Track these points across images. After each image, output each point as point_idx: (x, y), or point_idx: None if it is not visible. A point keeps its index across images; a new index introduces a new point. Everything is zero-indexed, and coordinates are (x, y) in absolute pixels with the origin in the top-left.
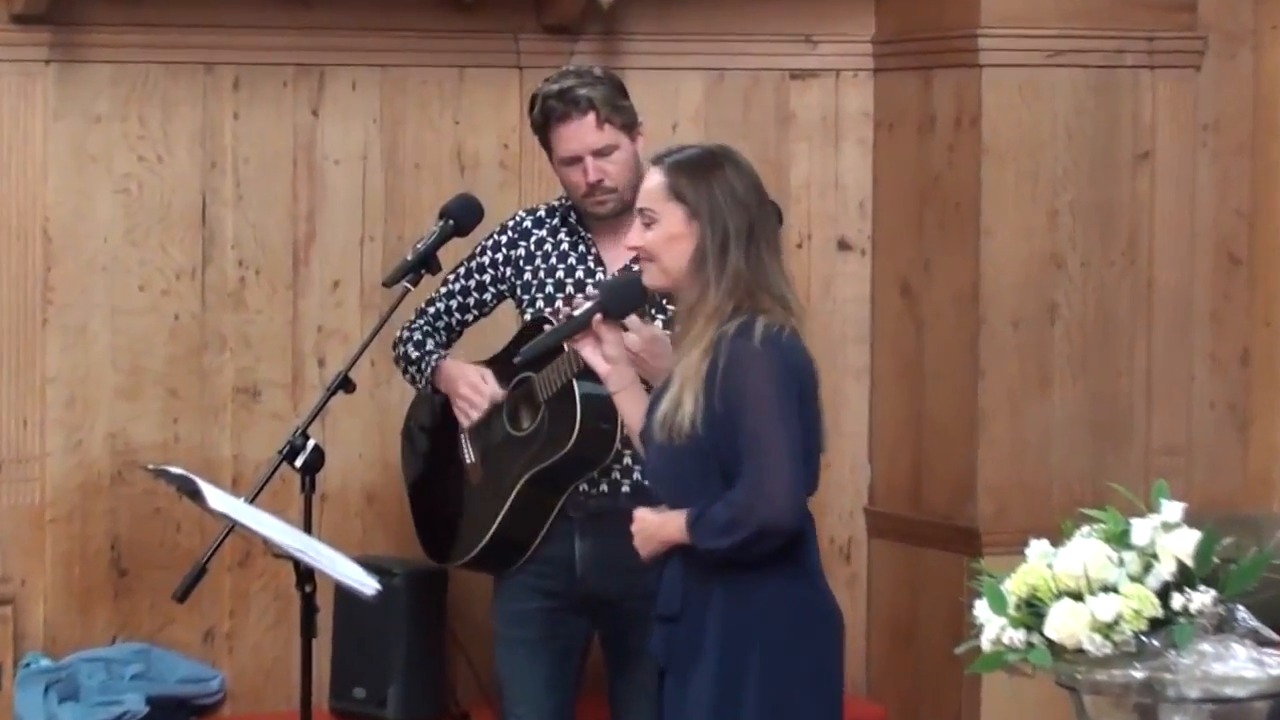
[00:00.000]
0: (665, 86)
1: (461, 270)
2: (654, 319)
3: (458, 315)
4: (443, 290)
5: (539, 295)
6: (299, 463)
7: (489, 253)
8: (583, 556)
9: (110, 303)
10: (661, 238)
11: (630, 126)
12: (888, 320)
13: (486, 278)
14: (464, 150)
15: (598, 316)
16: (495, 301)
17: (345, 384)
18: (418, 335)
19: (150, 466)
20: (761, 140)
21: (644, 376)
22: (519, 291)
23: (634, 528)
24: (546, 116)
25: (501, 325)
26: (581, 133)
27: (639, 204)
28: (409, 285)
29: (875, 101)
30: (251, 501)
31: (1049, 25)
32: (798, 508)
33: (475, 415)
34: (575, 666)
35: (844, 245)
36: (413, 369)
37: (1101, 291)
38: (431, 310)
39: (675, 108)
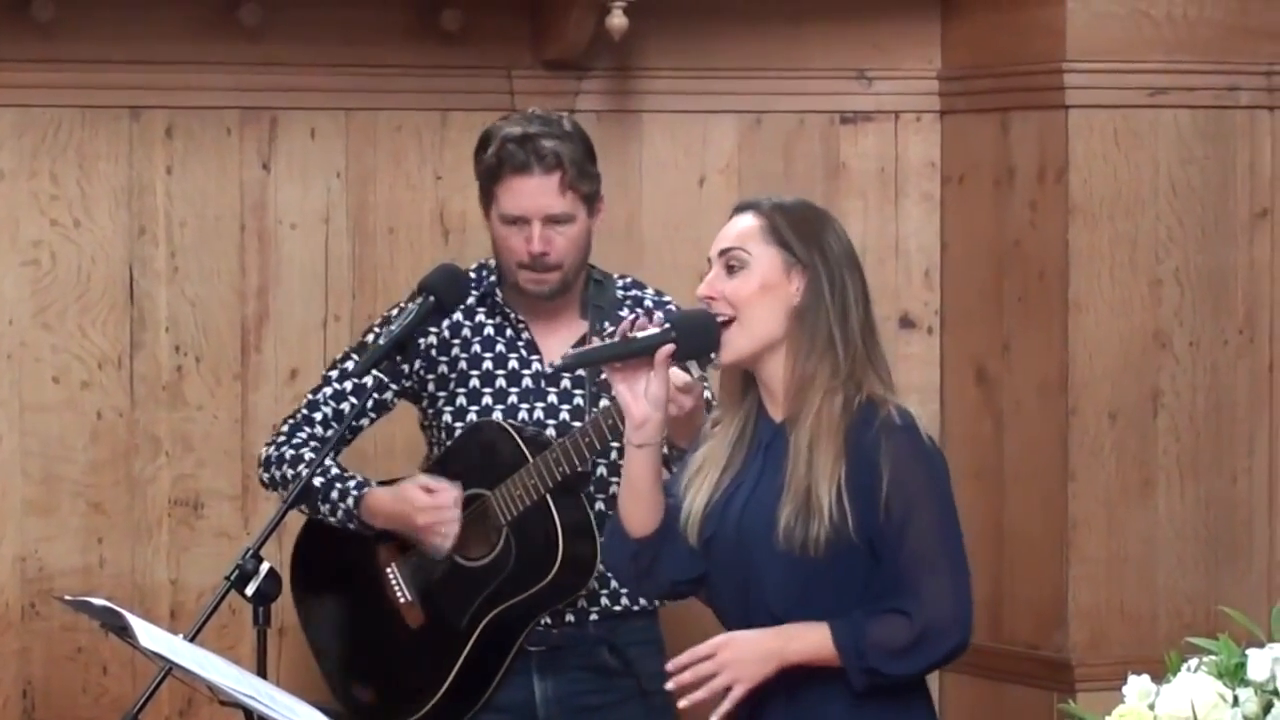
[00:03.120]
0: (691, 132)
1: (350, 365)
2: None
3: (351, 421)
4: (329, 390)
5: (458, 390)
6: (250, 590)
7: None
8: (544, 699)
9: (18, 398)
10: (752, 287)
11: (592, 199)
12: (960, 412)
13: (386, 374)
14: (447, 211)
15: (669, 347)
16: (395, 400)
17: (307, 495)
18: (307, 453)
19: (68, 598)
20: (807, 196)
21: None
22: (431, 387)
23: (730, 653)
24: (501, 162)
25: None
26: (539, 192)
27: (723, 245)
28: (314, 395)
29: (943, 150)
30: (193, 638)
31: (1149, 58)
32: (971, 628)
33: (452, 542)
34: None
35: (907, 323)
36: (316, 499)
37: (1214, 376)
38: (319, 416)
39: (703, 158)
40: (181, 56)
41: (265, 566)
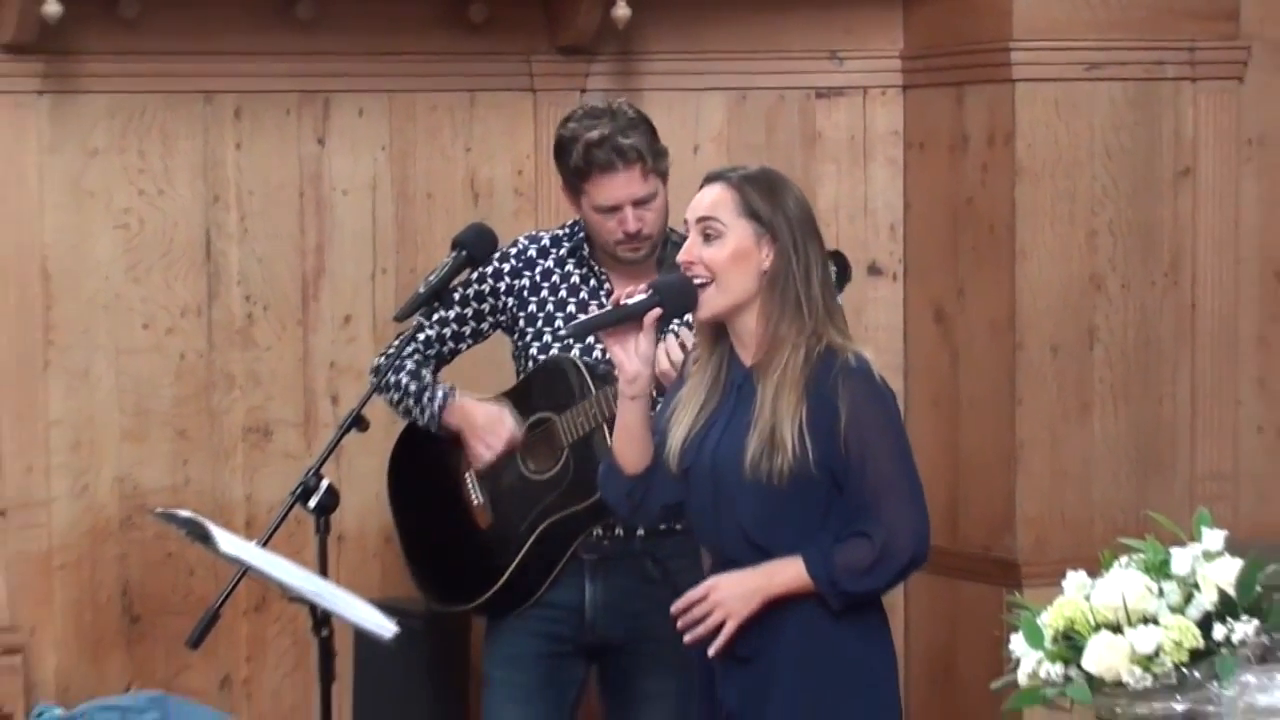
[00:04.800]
0: (686, 107)
1: (458, 296)
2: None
3: (451, 344)
4: (435, 317)
5: (545, 328)
6: (313, 504)
7: (490, 280)
8: (593, 601)
9: (114, 343)
10: (726, 254)
11: (666, 173)
12: (921, 348)
13: (486, 306)
14: (477, 178)
15: (656, 312)
16: (491, 330)
17: (359, 422)
18: (410, 364)
19: (158, 511)
20: (787, 162)
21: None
22: (520, 323)
23: (720, 594)
24: (590, 165)
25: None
26: (628, 184)
27: (698, 214)
28: (422, 319)
29: (905, 120)
30: (265, 544)
31: (1085, 37)
32: (928, 541)
33: (492, 457)
34: (568, 717)
35: (875, 270)
36: (409, 400)
37: (1143, 314)
38: (422, 337)
39: (696, 129)
40: (247, 48)
41: (325, 483)
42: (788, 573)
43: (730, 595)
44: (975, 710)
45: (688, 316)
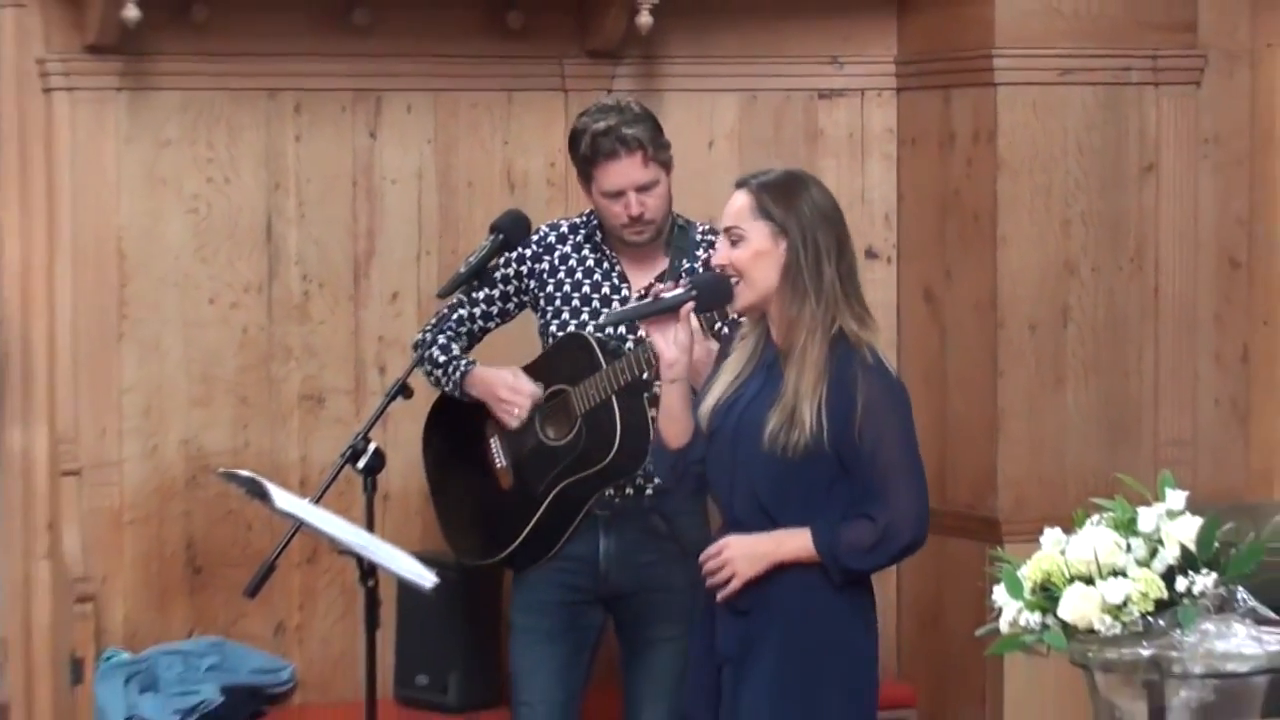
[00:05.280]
0: (701, 106)
1: (499, 275)
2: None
3: (480, 322)
4: (472, 295)
5: (563, 307)
6: (361, 465)
7: (514, 264)
8: (606, 554)
9: (182, 316)
10: (748, 254)
11: (668, 163)
12: (912, 325)
13: (511, 288)
14: (513, 169)
15: (689, 305)
16: (517, 310)
17: (404, 391)
18: (441, 339)
19: (221, 471)
20: (792, 156)
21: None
22: (541, 302)
23: (732, 553)
24: (595, 153)
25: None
26: (629, 170)
27: (725, 223)
28: (462, 296)
29: (898, 119)
30: (317, 502)
31: (1060, 45)
32: (927, 526)
33: (521, 415)
34: (587, 659)
35: (871, 254)
36: (438, 371)
37: (1111, 296)
38: (455, 316)
39: (711, 126)
40: (307, 50)
41: (372, 446)
42: (795, 543)
43: (740, 555)
44: (960, 655)
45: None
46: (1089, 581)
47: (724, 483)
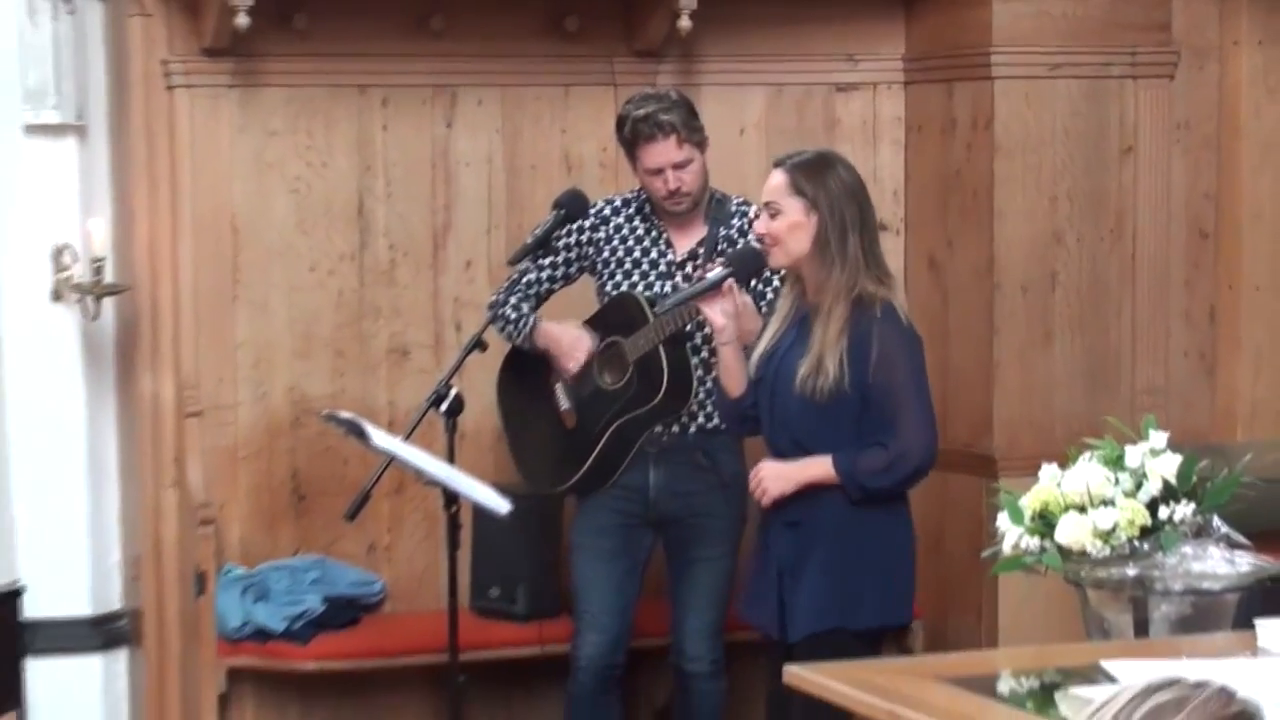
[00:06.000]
0: (733, 99)
1: (560, 245)
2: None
3: (547, 285)
4: (534, 264)
5: (617, 270)
6: (444, 408)
7: (575, 234)
8: (656, 484)
9: (286, 282)
10: (784, 226)
11: (701, 143)
12: (918, 288)
13: (572, 255)
14: (570, 154)
15: (730, 281)
16: (578, 274)
17: (480, 345)
18: (513, 300)
19: (325, 413)
20: (813, 142)
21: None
22: (598, 266)
23: (764, 474)
24: (635, 136)
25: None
26: (666, 150)
27: (765, 198)
28: (529, 264)
29: (906, 109)
30: (406, 440)
31: (1050, 44)
32: (936, 452)
33: (575, 367)
34: (639, 575)
35: (882, 227)
36: (510, 327)
37: (1094, 262)
38: (524, 280)
39: (741, 116)
40: (392, 51)
41: (453, 391)
42: (818, 468)
43: (770, 476)
44: (959, 575)
45: None
46: (1082, 510)
47: (766, 420)
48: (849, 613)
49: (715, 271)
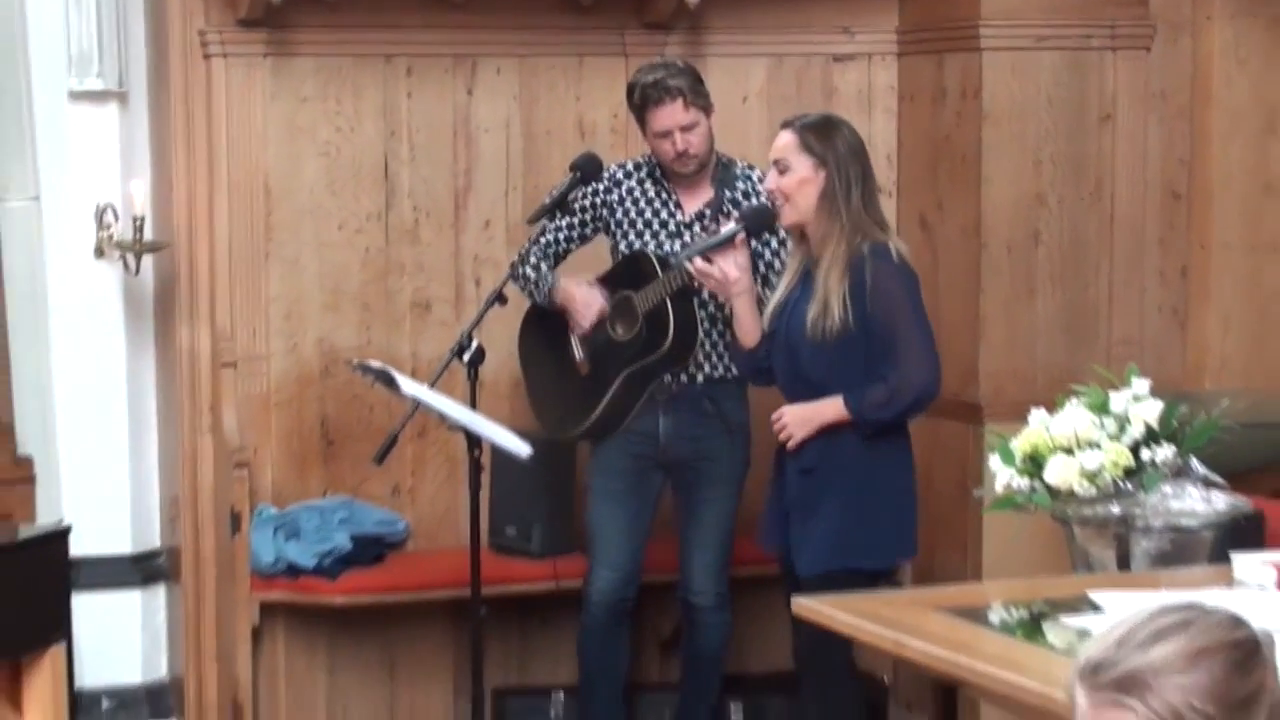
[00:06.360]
0: (737, 69)
1: (577, 206)
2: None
3: (564, 245)
4: (552, 225)
5: (629, 229)
6: (466, 358)
7: (589, 197)
8: (665, 429)
9: (316, 239)
10: (793, 182)
11: (707, 108)
12: (910, 247)
13: (587, 216)
14: (584, 120)
15: (742, 235)
16: (593, 234)
17: (500, 299)
18: (533, 259)
19: (357, 362)
20: (811, 110)
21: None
22: (612, 226)
23: (787, 418)
24: (645, 101)
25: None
26: (673, 114)
27: (774, 156)
28: (548, 223)
29: (899, 78)
30: (431, 387)
31: (1035, 18)
32: (939, 380)
33: (589, 323)
34: (649, 515)
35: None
36: (530, 285)
37: (1074, 223)
38: (543, 240)
39: (745, 85)
40: (416, 23)
41: (475, 343)
42: (832, 409)
43: (793, 421)
44: (947, 514)
45: None
46: (1069, 452)
47: (782, 367)
48: (860, 552)
49: (729, 226)
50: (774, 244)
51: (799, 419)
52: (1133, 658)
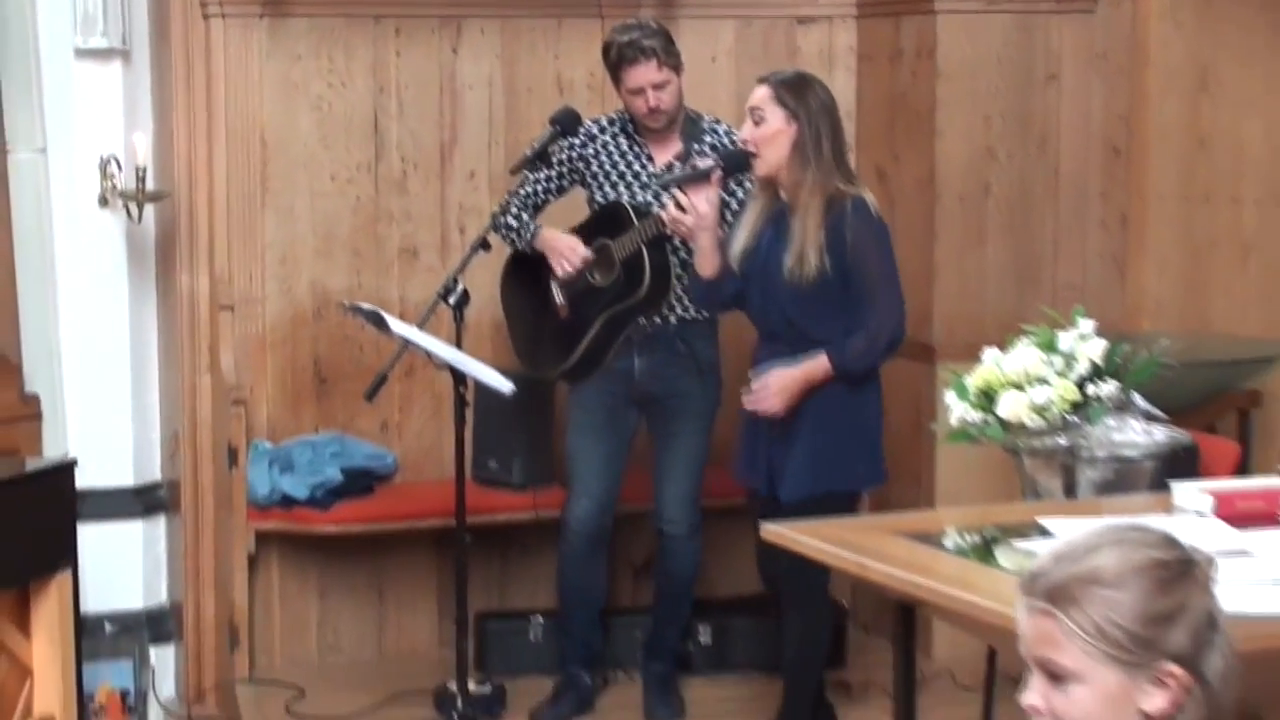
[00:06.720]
0: (707, 30)
1: (555, 160)
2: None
3: (543, 196)
4: (532, 178)
5: (604, 181)
6: (451, 301)
7: (566, 150)
8: (640, 368)
9: (310, 189)
10: (767, 132)
11: (678, 67)
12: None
13: (565, 168)
14: (562, 77)
15: (718, 173)
16: (570, 186)
17: (484, 245)
18: (514, 209)
19: (349, 304)
20: (777, 70)
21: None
22: (588, 179)
23: (772, 387)
24: (620, 59)
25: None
26: (647, 72)
27: (749, 106)
28: (528, 175)
29: (859, 39)
30: (419, 327)
31: None
32: (906, 325)
33: (571, 269)
34: (626, 448)
35: None
36: (513, 234)
37: (1022, 175)
38: (523, 192)
39: (714, 46)
40: None
41: (460, 286)
42: (820, 369)
43: (779, 389)
44: (903, 447)
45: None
46: (1020, 388)
47: (758, 306)
48: (840, 476)
49: (706, 162)
50: (739, 194)
51: (782, 387)
52: (1064, 570)
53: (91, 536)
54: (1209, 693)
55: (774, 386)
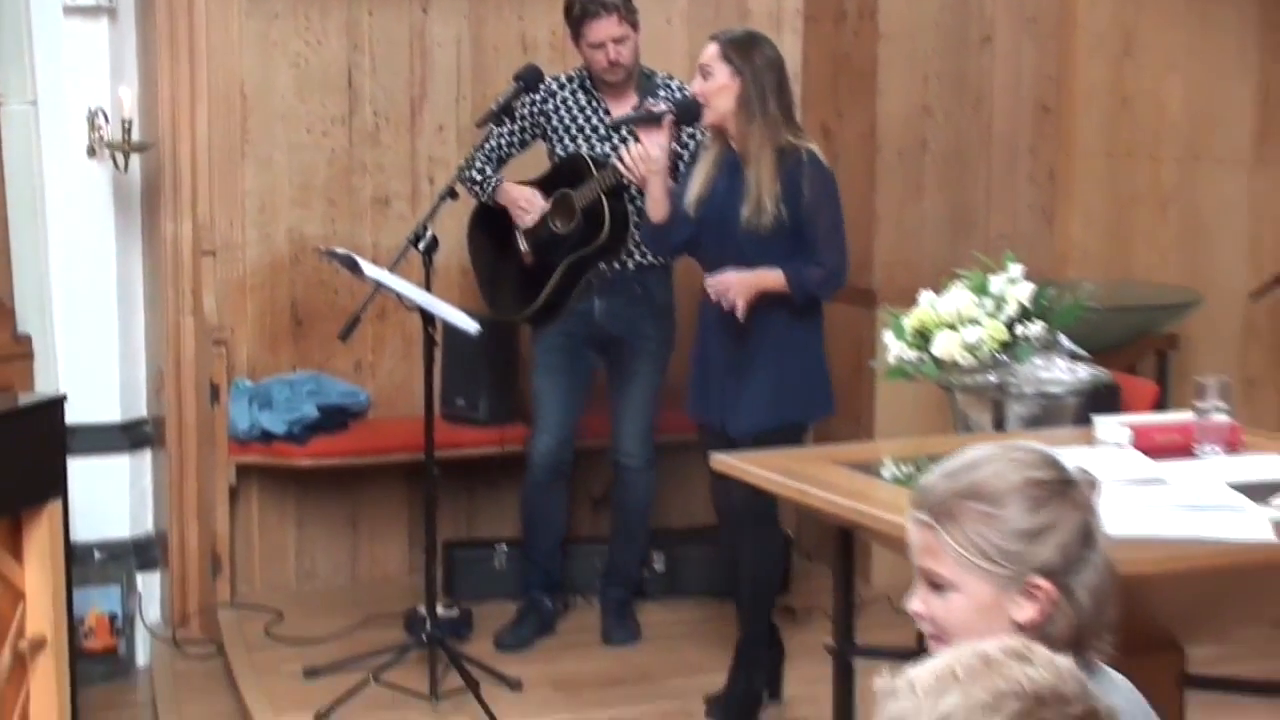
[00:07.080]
0: None
1: (516, 115)
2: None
3: (506, 150)
4: (496, 132)
5: (564, 134)
6: (421, 247)
7: (528, 106)
8: (600, 310)
9: (287, 141)
10: (714, 87)
11: (636, 24)
12: None
13: (527, 123)
14: (525, 36)
15: (670, 118)
16: (532, 140)
17: (451, 194)
18: (478, 163)
19: (324, 249)
20: (727, 29)
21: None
22: (549, 132)
23: (730, 280)
24: (583, 14)
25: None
26: (608, 27)
27: (700, 62)
28: (493, 125)
29: (805, 2)
30: (390, 270)
31: None
32: (848, 269)
33: (530, 220)
34: (586, 387)
35: None
36: (476, 187)
37: (957, 132)
38: (488, 145)
39: (669, 8)
40: None
41: (429, 233)
42: (773, 278)
43: (737, 283)
44: (844, 385)
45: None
46: (953, 328)
47: (713, 252)
48: (793, 408)
49: (660, 107)
50: (699, 137)
51: (744, 285)
52: (947, 486)
53: (81, 469)
54: (1077, 606)
55: (733, 281)
